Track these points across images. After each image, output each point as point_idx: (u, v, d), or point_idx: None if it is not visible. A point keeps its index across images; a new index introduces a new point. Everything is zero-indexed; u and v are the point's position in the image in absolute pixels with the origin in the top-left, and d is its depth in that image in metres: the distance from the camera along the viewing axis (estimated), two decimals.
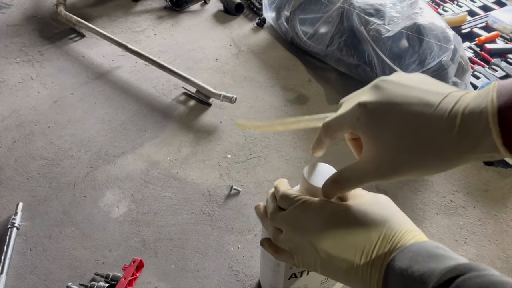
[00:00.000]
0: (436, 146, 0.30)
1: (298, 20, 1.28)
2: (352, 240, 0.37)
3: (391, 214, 0.39)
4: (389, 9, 1.11)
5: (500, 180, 0.95)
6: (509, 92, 0.28)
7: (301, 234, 0.40)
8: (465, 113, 0.29)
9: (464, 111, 0.29)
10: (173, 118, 1.10)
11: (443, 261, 0.31)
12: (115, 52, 1.31)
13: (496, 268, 0.79)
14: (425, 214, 0.88)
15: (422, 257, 0.32)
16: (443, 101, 0.31)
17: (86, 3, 1.55)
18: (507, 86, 0.28)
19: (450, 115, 0.30)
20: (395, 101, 0.32)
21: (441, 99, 0.31)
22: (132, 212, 0.87)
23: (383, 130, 0.33)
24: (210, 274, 0.77)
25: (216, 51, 1.35)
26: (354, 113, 0.35)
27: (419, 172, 0.33)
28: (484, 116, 0.28)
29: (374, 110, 0.33)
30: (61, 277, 0.76)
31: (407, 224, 0.38)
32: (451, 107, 0.30)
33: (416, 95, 0.32)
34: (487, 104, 0.28)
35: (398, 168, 0.33)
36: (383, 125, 0.33)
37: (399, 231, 0.37)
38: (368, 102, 0.34)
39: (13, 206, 0.86)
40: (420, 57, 1.04)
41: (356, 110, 0.34)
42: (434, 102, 0.31)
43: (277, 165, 0.97)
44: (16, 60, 1.27)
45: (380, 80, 0.35)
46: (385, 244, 0.36)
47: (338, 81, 1.23)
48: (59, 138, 1.03)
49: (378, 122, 0.33)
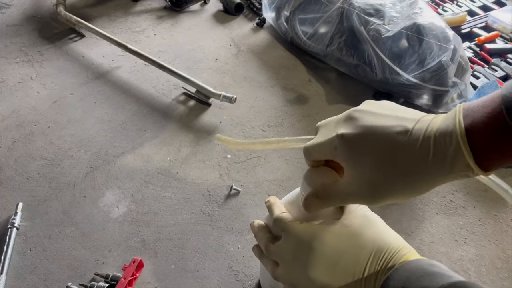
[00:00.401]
0: (413, 171, 0.32)
1: (298, 20, 1.28)
2: (343, 267, 0.38)
3: (380, 232, 0.40)
4: (388, 9, 1.11)
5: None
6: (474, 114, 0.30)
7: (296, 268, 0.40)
8: (437, 137, 0.31)
9: (435, 136, 0.31)
10: (173, 118, 1.10)
11: (437, 280, 0.31)
12: (114, 52, 1.31)
13: (496, 268, 0.79)
14: (425, 214, 0.88)
15: (417, 276, 0.33)
16: (415, 127, 0.32)
17: (86, 3, 1.55)
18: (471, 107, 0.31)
19: (424, 141, 0.31)
20: (370, 131, 0.34)
21: (413, 126, 0.32)
22: (132, 212, 0.87)
23: (361, 159, 0.34)
24: (210, 274, 0.77)
25: (216, 51, 1.35)
26: (332, 143, 0.36)
27: (399, 196, 0.34)
28: (455, 138, 0.30)
29: (351, 141, 0.35)
30: (61, 277, 0.76)
31: (397, 242, 0.39)
32: (423, 132, 0.32)
33: (390, 123, 0.34)
34: (455, 127, 0.30)
35: (377, 195, 0.34)
36: (360, 155, 0.34)
37: (389, 250, 0.37)
38: (345, 134, 0.35)
39: (13, 206, 0.86)
40: (420, 57, 1.04)
41: (334, 141, 0.36)
42: (407, 128, 0.32)
43: (277, 165, 0.97)
44: (15, 60, 1.27)
45: (353, 110, 0.37)
46: (375, 265, 0.37)
47: (338, 81, 1.23)
48: (59, 138, 1.03)
49: (355, 152, 0.34)
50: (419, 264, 0.34)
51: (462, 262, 0.80)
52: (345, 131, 0.35)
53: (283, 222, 0.43)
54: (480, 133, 0.29)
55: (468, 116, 0.30)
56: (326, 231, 0.40)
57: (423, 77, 1.04)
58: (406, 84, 1.05)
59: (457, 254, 0.82)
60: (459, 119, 0.30)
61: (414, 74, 1.04)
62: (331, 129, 0.38)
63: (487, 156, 0.30)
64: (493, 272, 0.79)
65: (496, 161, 0.30)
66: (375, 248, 0.38)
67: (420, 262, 0.35)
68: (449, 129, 0.30)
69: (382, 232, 0.40)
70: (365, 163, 0.34)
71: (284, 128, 1.08)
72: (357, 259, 0.37)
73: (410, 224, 0.86)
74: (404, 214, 0.88)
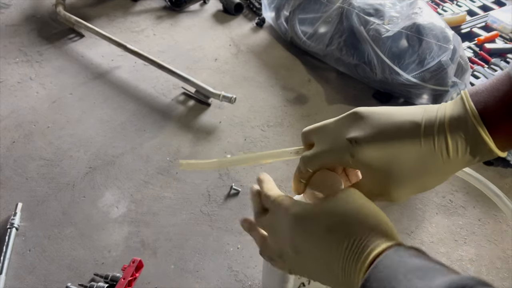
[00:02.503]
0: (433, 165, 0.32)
1: (297, 20, 1.28)
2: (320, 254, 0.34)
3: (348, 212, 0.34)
4: (388, 9, 1.11)
5: (500, 180, 0.95)
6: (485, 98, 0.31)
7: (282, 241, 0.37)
8: (452, 127, 0.31)
9: (450, 126, 0.31)
10: (172, 118, 1.10)
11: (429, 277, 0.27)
12: (114, 52, 1.31)
13: (496, 268, 0.79)
14: (424, 214, 0.88)
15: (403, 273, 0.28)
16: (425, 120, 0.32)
17: (85, 3, 1.55)
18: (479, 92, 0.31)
19: (439, 133, 0.31)
20: (384, 130, 0.33)
21: (421, 118, 0.32)
22: (131, 212, 0.87)
23: (381, 161, 0.33)
24: (209, 275, 0.77)
25: (215, 51, 1.34)
26: (344, 150, 0.34)
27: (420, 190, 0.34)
28: (471, 125, 0.30)
29: (366, 143, 0.33)
30: (60, 277, 0.76)
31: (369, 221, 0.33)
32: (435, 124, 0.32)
33: (399, 118, 0.33)
34: (468, 114, 0.30)
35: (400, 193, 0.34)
36: (380, 157, 0.33)
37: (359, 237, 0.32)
38: (358, 137, 0.33)
39: (12, 207, 0.86)
40: (420, 57, 1.04)
41: (347, 147, 0.34)
42: (418, 121, 0.32)
43: (276, 165, 0.97)
44: (15, 60, 1.27)
45: (355, 111, 0.36)
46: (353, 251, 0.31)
47: (337, 81, 1.23)
48: (58, 138, 1.03)
49: (373, 154, 0.33)
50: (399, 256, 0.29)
51: (462, 262, 0.80)
52: (358, 134, 0.34)
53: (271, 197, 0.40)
54: (496, 116, 0.30)
55: (479, 101, 0.31)
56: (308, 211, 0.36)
57: (423, 77, 1.03)
58: (406, 84, 1.05)
59: (457, 254, 0.81)
60: (470, 105, 0.31)
61: (414, 74, 1.04)
62: (335, 134, 0.35)
63: (504, 137, 0.30)
64: (493, 272, 0.79)
65: None
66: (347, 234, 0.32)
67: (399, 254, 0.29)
68: (462, 117, 0.31)
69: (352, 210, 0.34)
70: (383, 165, 0.33)
71: (284, 128, 1.07)
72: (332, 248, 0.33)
73: (410, 224, 0.86)
74: (404, 214, 0.88)
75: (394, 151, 0.33)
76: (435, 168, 0.32)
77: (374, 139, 0.33)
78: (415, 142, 0.32)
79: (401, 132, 0.33)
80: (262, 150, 1.01)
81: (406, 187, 0.34)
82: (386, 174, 0.33)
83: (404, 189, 0.34)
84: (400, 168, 0.33)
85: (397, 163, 0.33)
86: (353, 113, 0.36)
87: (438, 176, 0.33)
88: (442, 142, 0.31)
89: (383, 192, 0.35)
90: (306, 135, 0.39)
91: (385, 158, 0.33)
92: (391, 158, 0.33)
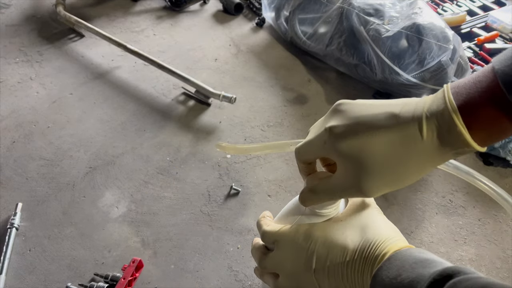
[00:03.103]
0: (405, 156, 0.32)
1: (297, 20, 1.28)
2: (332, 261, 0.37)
3: (369, 224, 0.39)
4: (388, 9, 1.11)
5: (500, 180, 0.95)
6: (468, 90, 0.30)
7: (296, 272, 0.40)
8: (428, 117, 0.31)
9: (426, 116, 0.31)
10: (172, 118, 1.10)
11: (430, 266, 0.31)
12: (114, 52, 1.31)
13: (495, 268, 0.79)
14: (424, 214, 0.88)
15: (409, 263, 0.32)
16: (403, 111, 0.32)
17: (85, 3, 1.55)
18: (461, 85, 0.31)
19: (413, 123, 0.31)
20: (358, 121, 0.34)
21: (400, 109, 0.32)
22: (131, 212, 0.87)
23: (351, 151, 0.33)
24: (209, 274, 0.77)
25: (215, 51, 1.35)
26: (321, 138, 0.36)
27: (393, 184, 0.33)
28: (447, 116, 0.30)
29: (340, 132, 0.34)
30: (61, 277, 0.76)
31: (386, 232, 0.38)
32: (411, 115, 0.31)
33: (377, 111, 0.33)
34: (447, 105, 0.30)
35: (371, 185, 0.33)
36: (350, 146, 0.33)
37: (376, 241, 0.37)
38: (334, 126, 0.35)
39: (12, 207, 0.86)
40: (420, 57, 1.04)
41: (323, 135, 0.36)
42: (394, 113, 0.32)
43: (276, 165, 0.97)
44: (15, 60, 1.27)
45: (339, 103, 0.37)
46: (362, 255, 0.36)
47: (337, 81, 1.23)
48: (58, 138, 1.03)
49: (344, 143, 0.34)
50: (411, 252, 0.34)
51: (462, 262, 0.80)
52: (333, 123, 0.35)
53: (271, 233, 0.42)
54: (477, 108, 0.30)
55: (461, 93, 0.31)
56: (316, 228, 0.40)
57: (422, 77, 1.04)
58: (405, 84, 1.05)
59: (456, 254, 0.81)
60: (449, 97, 0.30)
61: (414, 74, 1.04)
62: (320, 126, 0.38)
63: (484, 131, 0.30)
64: (493, 272, 0.79)
65: (493, 135, 0.31)
66: (363, 238, 0.37)
67: (411, 251, 0.35)
68: (440, 107, 0.30)
69: (372, 223, 0.39)
70: (355, 153, 0.33)
71: (284, 128, 1.07)
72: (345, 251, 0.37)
73: (410, 224, 0.86)
74: (404, 214, 0.88)
75: (366, 140, 0.33)
76: (409, 158, 0.32)
77: (347, 127, 0.34)
78: (388, 130, 0.32)
79: (375, 121, 0.33)
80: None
81: (378, 179, 0.33)
82: (357, 163, 0.33)
83: (375, 181, 0.33)
84: (371, 157, 0.32)
85: (369, 152, 0.33)
86: (336, 105, 0.37)
87: (413, 168, 0.32)
88: (416, 131, 0.31)
89: (354, 184, 0.34)
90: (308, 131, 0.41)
91: (356, 147, 0.33)
92: (363, 147, 0.33)
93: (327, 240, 0.38)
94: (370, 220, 0.39)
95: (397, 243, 0.36)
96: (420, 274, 0.31)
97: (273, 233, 0.42)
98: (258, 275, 0.46)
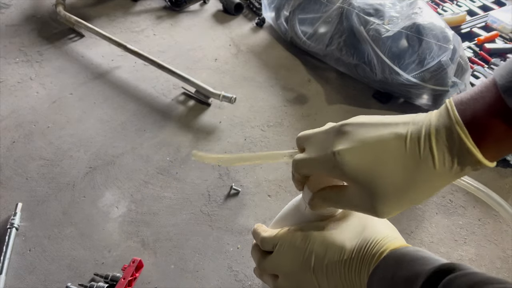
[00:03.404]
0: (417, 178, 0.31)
1: (297, 20, 1.28)
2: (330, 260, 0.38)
3: (367, 224, 0.39)
4: (388, 9, 1.11)
5: (500, 180, 0.95)
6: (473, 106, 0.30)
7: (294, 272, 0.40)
8: (437, 139, 0.30)
9: (436, 138, 0.30)
10: (172, 118, 1.10)
11: (427, 264, 0.31)
12: (114, 52, 1.31)
13: (495, 268, 0.79)
14: (424, 214, 0.88)
15: (406, 261, 0.33)
16: (411, 131, 0.32)
17: (85, 3, 1.55)
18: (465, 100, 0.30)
19: (424, 144, 0.31)
20: (367, 143, 0.33)
21: (407, 130, 0.32)
22: (131, 212, 0.87)
23: (362, 175, 0.33)
24: (209, 274, 0.77)
25: (215, 51, 1.35)
26: (329, 161, 0.35)
27: (406, 205, 0.33)
28: (456, 136, 0.30)
29: (350, 159, 0.33)
30: (61, 277, 0.76)
31: (383, 231, 0.38)
32: (420, 136, 0.31)
33: (382, 132, 0.33)
34: (453, 124, 0.30)
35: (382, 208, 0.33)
36: (363, 173, 0.33)
37: (373, 240, 0.37)
38: (342, 150, 0.34)
39: (12, 207, 0.86)
40: (420, 57, 1.04)
41: (331, 159, 0.35)
42: (400, 134, 0.32)
43: (276, 165, 0.97)
44: (15, 60, 1.27)
45: (342, 125, 0.36)
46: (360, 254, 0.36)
47: (337, 81, 1.23)
48: (58, 138, 1.03)
49: (357, 170, 0.33)
50: (407, 250, 0.34)
51: (462, 262, 0.80)
52: (342, 147, 0.34)
53: (269, 238, 0.43)
54: (484, 124, 0.29)
55: (466, 109, 0.30)
56: (314, 229, 0.40)
57: (422, 77, 1.04)
58: (405, 84, 1.05)
59: (456, 254, 0.81)
60: (455, 115, 0.30)
61: (414, 74, 1.04)
62: (322, 144, 0.36)
63: (494, 147, 0.30)
64: (493, 272, 0.79)
65: (503, 150, 0.30)
66: (361, 238, 0.38)
67: (407, 249, 0.35)
68: (448, 126, 0.30)
69: (370, 222, 0.39)
70: (367, 180, 0.33)
71: (284, 128, 1.07)
72: (343, 250, 0.37)
73: (410, 224, 0.86)
74: (404, 214, 0.88)
75: (377, 164, 0.32)
76: (422, 181, 0.31)
77: (356, 151, 0.33)
78: (399, 154, 0.32)
79: (384, 144, 0.32)
80: (262, 150, 1.01)
81: (391, 202, 0.33)
82: (370, 188, 0.33)
83: (389, 205, 0.33)
84: (384, 182, 0.32)
85: (381, 177, 0.32)
86: (341, 126, 0.36)
87: (426, 190, 0.32)
88: (428, 154, 0.31)
89: (367, 206, 0.34)
90: (299, 140, 0.40)
91: (368, 172, 0.33)
92: (374, 172, 0.32)
93: (325, 239, 0.39)
94: (368, 220, 0.40)
95: (394, 242, 0.36)
96: (417, 271, 0.31)
97: (272, 238, 0.43)
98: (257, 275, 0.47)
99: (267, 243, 0.43)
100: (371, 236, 0.37)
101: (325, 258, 0.38)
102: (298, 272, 0.40)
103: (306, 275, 0.39)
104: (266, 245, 0.43)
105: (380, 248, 0.36)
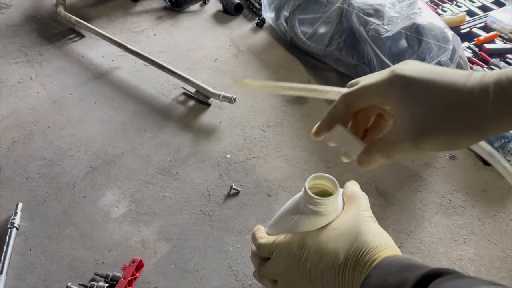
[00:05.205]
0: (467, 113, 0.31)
1: (297, 20, 1.28)
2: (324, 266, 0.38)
3: (360, 232, 0.40)
4: (388, 9, 1.11)
5: (499, 180, 0.95)
6: None
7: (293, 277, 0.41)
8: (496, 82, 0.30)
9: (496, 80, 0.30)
10: (172, 118, 1.10)
11: (416, 269, 0.32)
12: (114, 53, 1.31)
13: (495, 268, 0.79)
14: (424, 214, 0.88)
15: (395, 269, 0.33)
16: (471, 74, 0.31)
17: (86, 3, 1.55)
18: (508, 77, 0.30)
19: (483, 84, 0.30)
20: (428, 73, 0.33)
21: (469, 73, 0.32)
22: (131, 212, 0.87)
23: (418, 99, 0.33)
24: (209, 274, 0.77)
25: (215, 51, 1.35)
26: (387, 80, 0.35)
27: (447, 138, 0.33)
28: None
29: (410, 77, 0.33)
30: (61, 277, 0.76)
31: (377, 240, 0.39)
32: (480, 77, 0.31)
33: (445, 70, 0.33)
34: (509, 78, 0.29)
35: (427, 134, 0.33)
36: (418, 93, 0.33)
37: (366, 248, 0.37)
38: (403, 69, 0.34)
39: (12, 206, 0.86)
40: (419, 57, 1.04)
41: (390, 77, 0.34)
42: (464, 74, 0.32)
43: (276, 165, 0.98)
44: (15, 61, 1.27)
45: (401, 63, 0.36)
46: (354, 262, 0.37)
47: (337, 81, 1.24)
48: (58, 138, 1.03)
49: (413, 90, 0.33)
50: (397, 258, 0.35)
51: (462, 261, 0.80)
52: (401, 69, 0.34)
53: (266, 245, 0.43)
54: None
55: None
56: (309, 237, 0.41)
57: None
58: None
59: (456, 253, 0.82)
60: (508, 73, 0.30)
61: None
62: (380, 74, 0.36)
63: None
64: (493, 271, 0.79)
65: None
66: (354, 246, 0.38)
67: (397, 257, 0.35)
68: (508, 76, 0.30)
69: (364, 230, 0.40)
70: (421, 102, 0.32)
71: (284, 128, 1.08)
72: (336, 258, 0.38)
73: (409, 224, 0.86)
74: (403, 214, 0.88)
75: (432, 91, 0.32)
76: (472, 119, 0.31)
77: (415, 73, 0.33)
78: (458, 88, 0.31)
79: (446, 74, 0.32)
80: (262, 150, 1.01)
81: (437, 136, 0.32)
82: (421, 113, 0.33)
83: (432, 136, 0.32)
84: (437, 112, 0.32)
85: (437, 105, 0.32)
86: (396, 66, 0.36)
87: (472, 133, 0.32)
88: (485, 92, 0.30)
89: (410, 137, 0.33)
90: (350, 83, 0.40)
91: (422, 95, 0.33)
92: (427, 98, 0.32)
93: (319, 247, 0.39)
94: (363, 229, 0.40)
95: (385, 251, 0.37)
96: (405, 278, 0.31)
97: (268, 245, 0.43)
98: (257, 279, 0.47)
99: (263, 250, 0.44)
100: (364, 245, 0.38)
101: (320, 266, 0.38)
102: (295, 279, 0.41)
103: (304, 282, 0.40)
104: (263, 252, 0.44)
105: (372, 256, 0.36)
